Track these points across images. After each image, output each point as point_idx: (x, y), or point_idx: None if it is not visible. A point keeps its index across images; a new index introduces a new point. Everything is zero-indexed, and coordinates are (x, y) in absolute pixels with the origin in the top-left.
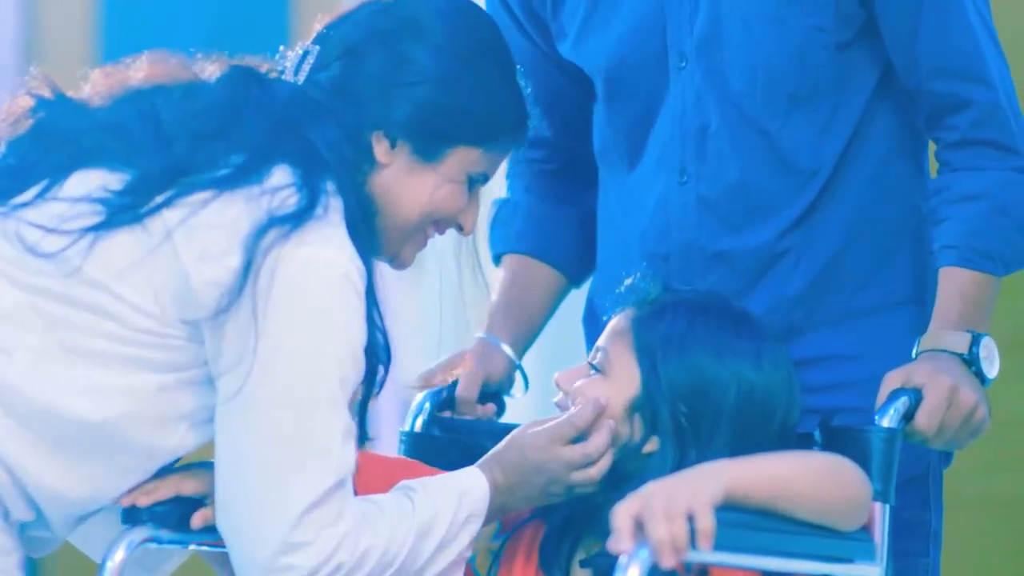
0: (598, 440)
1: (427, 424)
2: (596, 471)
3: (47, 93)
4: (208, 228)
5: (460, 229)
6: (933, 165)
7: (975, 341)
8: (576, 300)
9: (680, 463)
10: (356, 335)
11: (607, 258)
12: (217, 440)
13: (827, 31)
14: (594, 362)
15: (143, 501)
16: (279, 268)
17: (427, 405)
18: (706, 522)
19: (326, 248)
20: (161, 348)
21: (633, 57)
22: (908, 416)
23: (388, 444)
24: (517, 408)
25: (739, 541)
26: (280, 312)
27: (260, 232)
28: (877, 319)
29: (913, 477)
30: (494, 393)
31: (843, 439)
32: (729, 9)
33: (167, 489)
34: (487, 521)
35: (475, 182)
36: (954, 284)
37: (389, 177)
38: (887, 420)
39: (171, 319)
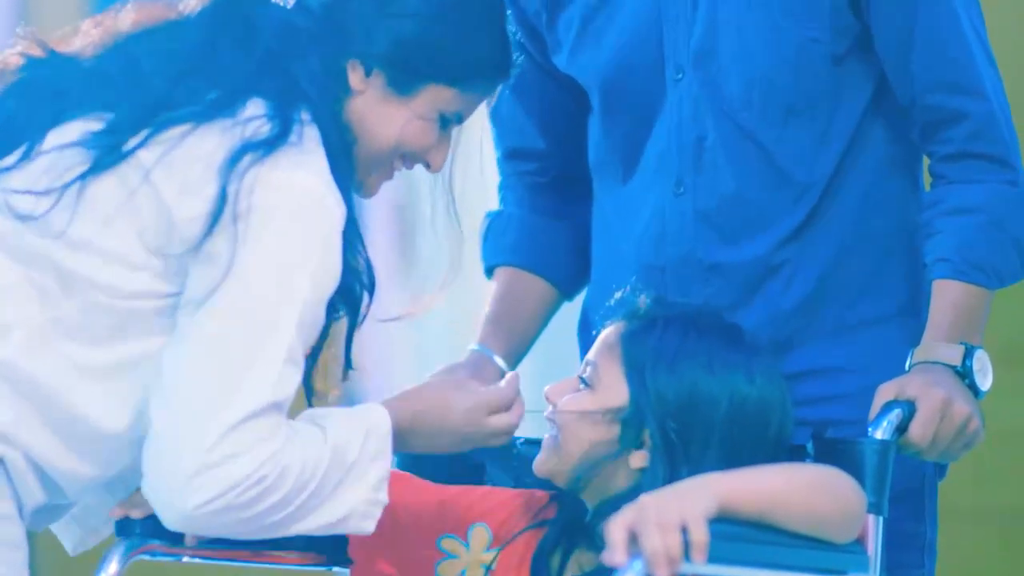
0: (519, 411)
1: None
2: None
3: (37, 51)
4: (186, 162)
5: (428, 166)
6: (927, 181)
7: (968, 353)
8: (570, 312)
9: (671, 478)
10: (328, 261)
11: (602, 270)
12: (164, 363)
13: (823, 42)
14: (583, 376)
15: (136, 514)
16: (255, 191)
17: None
18: (700, 534)
19: (301, 172)
20: (155, 312)
21: (630, 68)
22: (901, 428)
23: None
24: None
25: (733, 553)
26: (255, 233)
27: (234, 159)
28: (871, 332)
29: (908, 489)
30: None
31: (836, 451)
32: (726, 20)
33: None
34: None
35: (448, 121)
36: (947, 296)
37: (361, 105)
38: (880, 432)
39: (160, 268)
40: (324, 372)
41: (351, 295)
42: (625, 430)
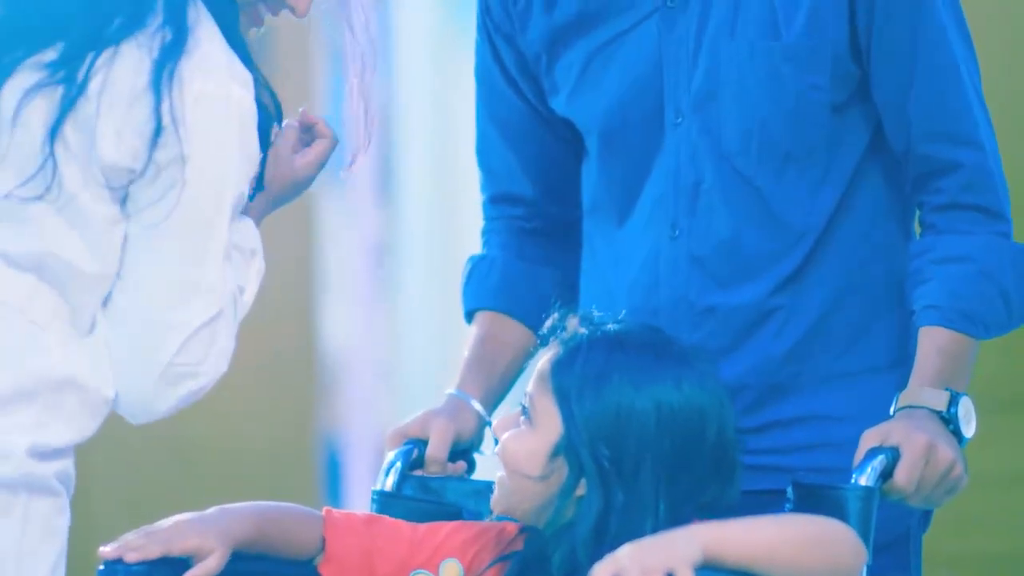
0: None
1: (398, 483)
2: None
3: None
4: (117, 94)
5: (293, 11)
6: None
7: (953, 400)
8: None
9: (607, 505)
10: (247, 144)
11: None
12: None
13: (823, 90)
14: (522, 413)
15: (131, 557)
16: (177, 112)
17: (398, 464)
18: None
19: (209, 77)
20: None
21: (630, 112)
22: (885, 475)
23: (362, 502)
24: (488, 465)
25: None
26: (181, 147)
27: (155, 82)
28: (864, 380)
29: (893, 538)
30: (464, 450)
31: (818, 497)
32: (727, 66)
33: (156, 548)
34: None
35: None
36: (935, 343)
37: None
38: (864, 478)
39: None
40: None
41: (261, 128)
42: (565, 461)
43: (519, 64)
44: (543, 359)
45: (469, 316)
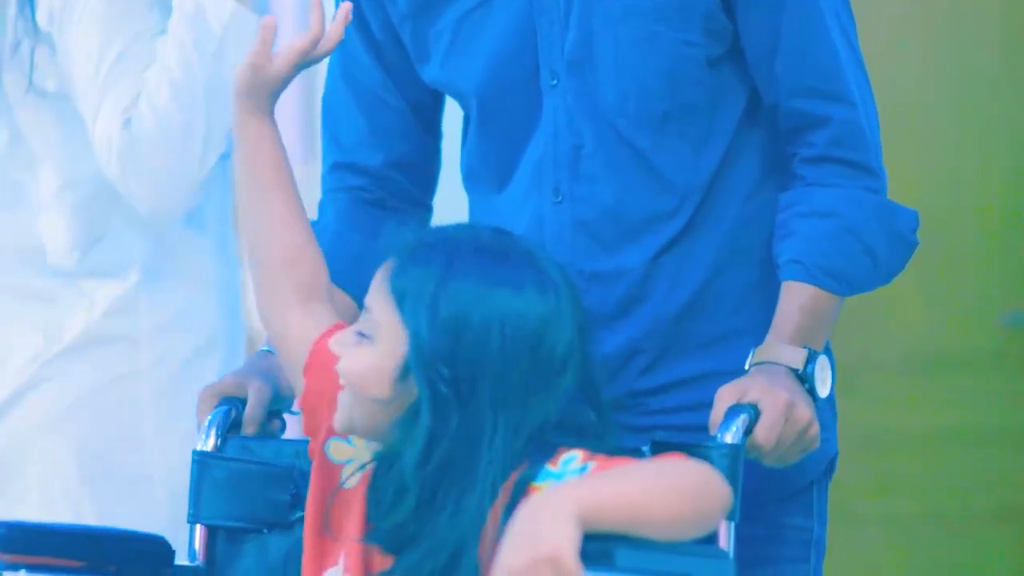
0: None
1: (220, 444)
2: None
3: None
4: None
5: None
6: None
7: (811, 358)
8: None
9: (440, 428)
10: None
11: None
12: None
13: (697, 46)
14: (361, 329)
15: None
16: None
17: (215, 428)
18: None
19: None
20: None
21: (504, 76)
22: (746, 432)
23: None
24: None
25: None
26: None
27: None
28: (755, 337)
29: (798, 489)
30: (277, 410)
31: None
32: (600, 26)
33: None
34: None
35: None
36: (795, 299)
37: None
38: (730, 436)
39: None
40: None
41: None
42: (415, 382)
43: (387, 30)
44: (380, 269)
45: None
